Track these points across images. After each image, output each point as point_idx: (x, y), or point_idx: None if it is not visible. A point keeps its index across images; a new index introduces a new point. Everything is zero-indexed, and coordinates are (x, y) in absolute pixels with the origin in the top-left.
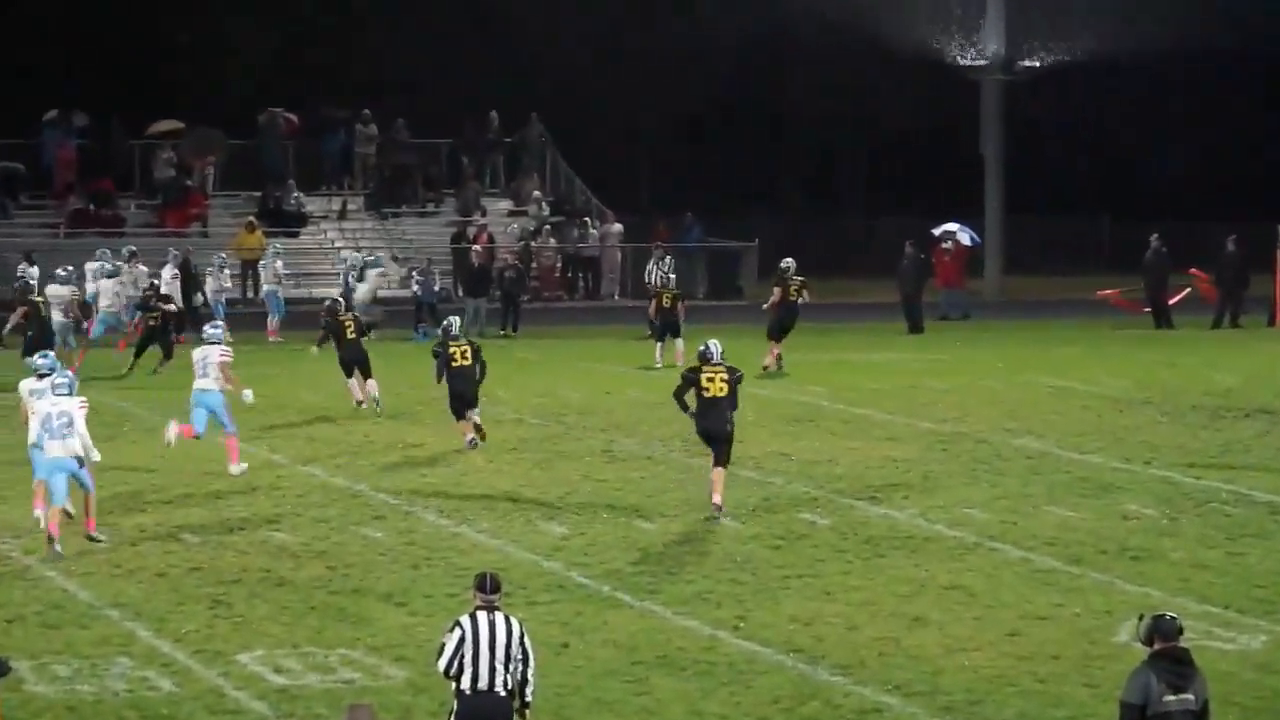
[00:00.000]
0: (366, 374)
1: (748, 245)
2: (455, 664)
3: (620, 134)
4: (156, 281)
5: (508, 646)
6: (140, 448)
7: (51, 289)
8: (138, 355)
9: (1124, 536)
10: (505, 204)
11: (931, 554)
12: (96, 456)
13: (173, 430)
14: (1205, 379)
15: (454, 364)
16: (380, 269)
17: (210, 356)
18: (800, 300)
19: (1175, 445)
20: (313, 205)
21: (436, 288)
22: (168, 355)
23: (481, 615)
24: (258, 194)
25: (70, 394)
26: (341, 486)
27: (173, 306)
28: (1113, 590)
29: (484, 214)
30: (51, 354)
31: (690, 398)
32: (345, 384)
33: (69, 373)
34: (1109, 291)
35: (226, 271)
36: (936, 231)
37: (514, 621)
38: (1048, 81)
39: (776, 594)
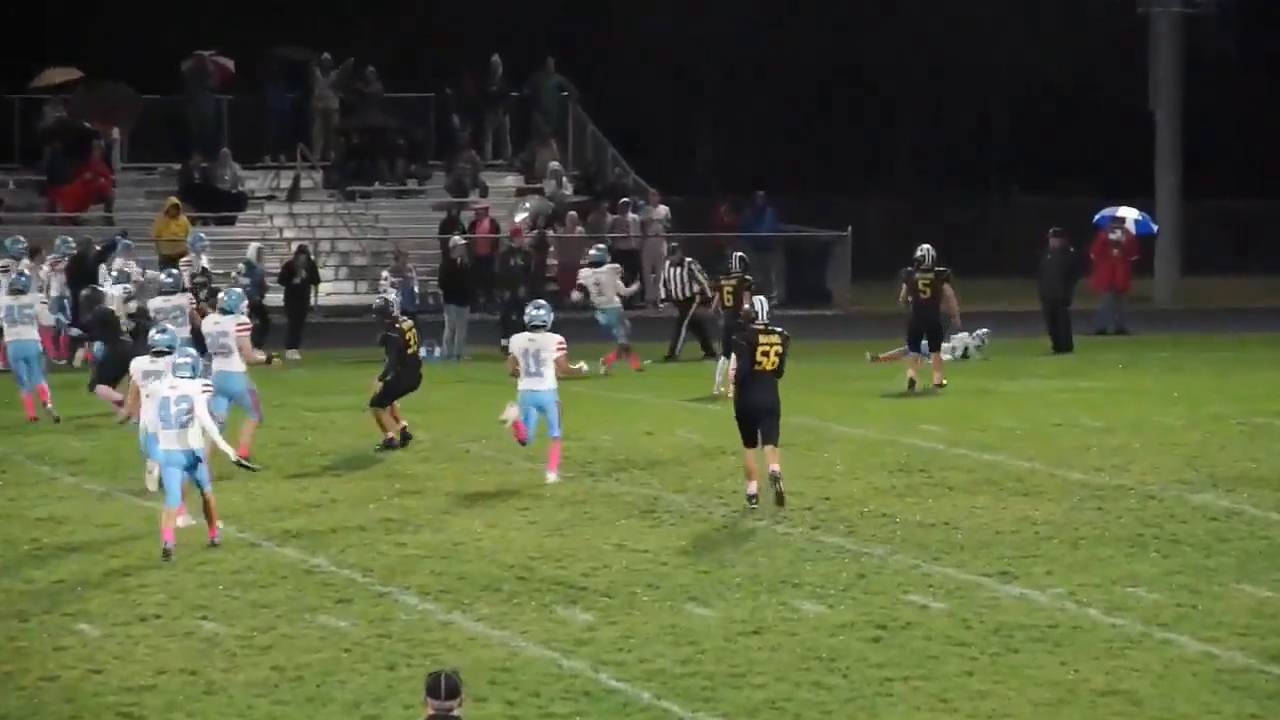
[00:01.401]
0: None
1: (838, 235)
2: None
3: (668, 87)
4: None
5: None
6: (19, 503)
7: None
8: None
9: None
10: (513, 180)
11: (1083, 648)
12: (225, 448)
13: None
14: None
15: (408, 350)
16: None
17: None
18: (925, 297)
19: None
20: (254, 182)
21: (416, 289)
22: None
23: None
24: (179, 166)
25: (193, 376)
26: (292, 559)
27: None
28: None
29: (484, 193)
30: (171, 329)
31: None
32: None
33: (193, 351)
34: None
35: (136, 269)
36: (1103, 217)
37: None
38: (1244, 14)
39: (875, 703)
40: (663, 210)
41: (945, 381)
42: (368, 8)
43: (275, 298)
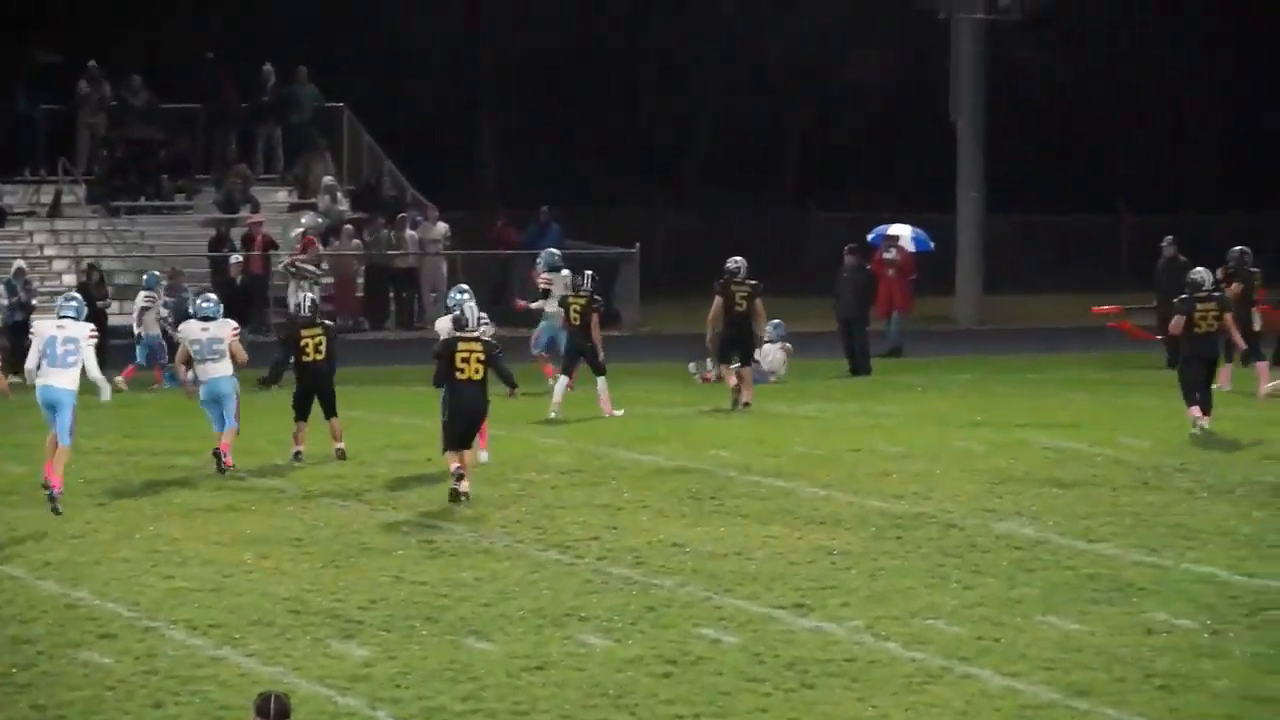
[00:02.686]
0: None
1: (626, 253)
2: None
3: (447, 95)
4: None
5: None
6: None
7: None
8: None
9: (1149, 658)
10: (286, 195)
11: (881, 683)
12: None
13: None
14: (1262, 440)
15: (305, 358)
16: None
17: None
18: (740, 310)
19: (1220, 531)
20: (12, 198)
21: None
22: None
23: None
24: None
25: (78, 318)
26: (53, 593)
27: None
28: None
29: (255, 209)
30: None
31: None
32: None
33: (78, 296)
34: (1107, 308)
35: None
36: (877, 235)
37: None
38: (1047, 23)
39: None
40: (442, 227)
41: (750, 401)
42: (128, 9)
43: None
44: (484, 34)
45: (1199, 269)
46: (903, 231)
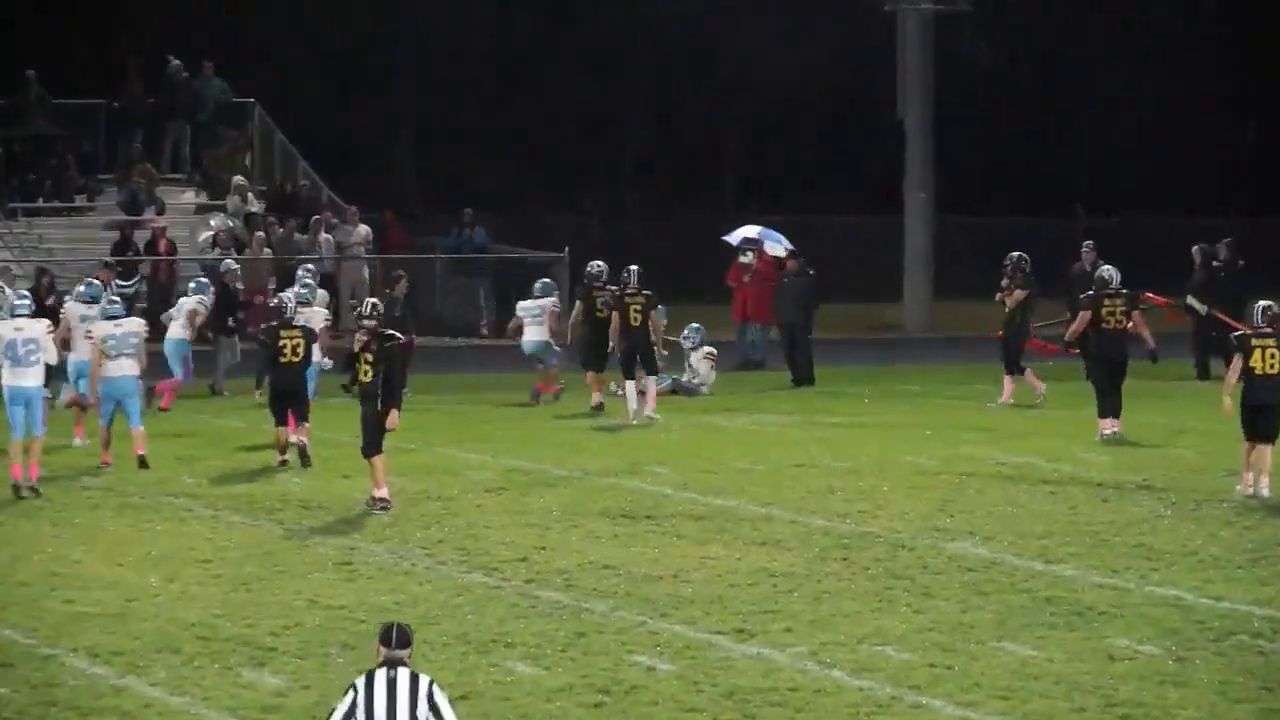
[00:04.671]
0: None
1: (555, 257)
2: None
3: (367, 88)
4: None
5: (412, 710)
6: None
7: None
8: None
9: (1111, 686)
10: (193, 196)
11: (826, 714)
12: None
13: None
14: (1227, 453)
15: (282, 359)
16: None
17: None
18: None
19: (1185, 551)
20: None
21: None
22: None
23: (380, 674)
24: None
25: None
26: None
27: None
28: None
29: (161, 210)
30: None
31: None
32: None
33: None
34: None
35: None
36: (733, 239)
37: (422, 680)
38: (998, 15)
39: None
40: (363, 230)
41: (657, 415)
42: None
43: None
44: (405, 26)
45: (1106, 267)
46: (760, 234)
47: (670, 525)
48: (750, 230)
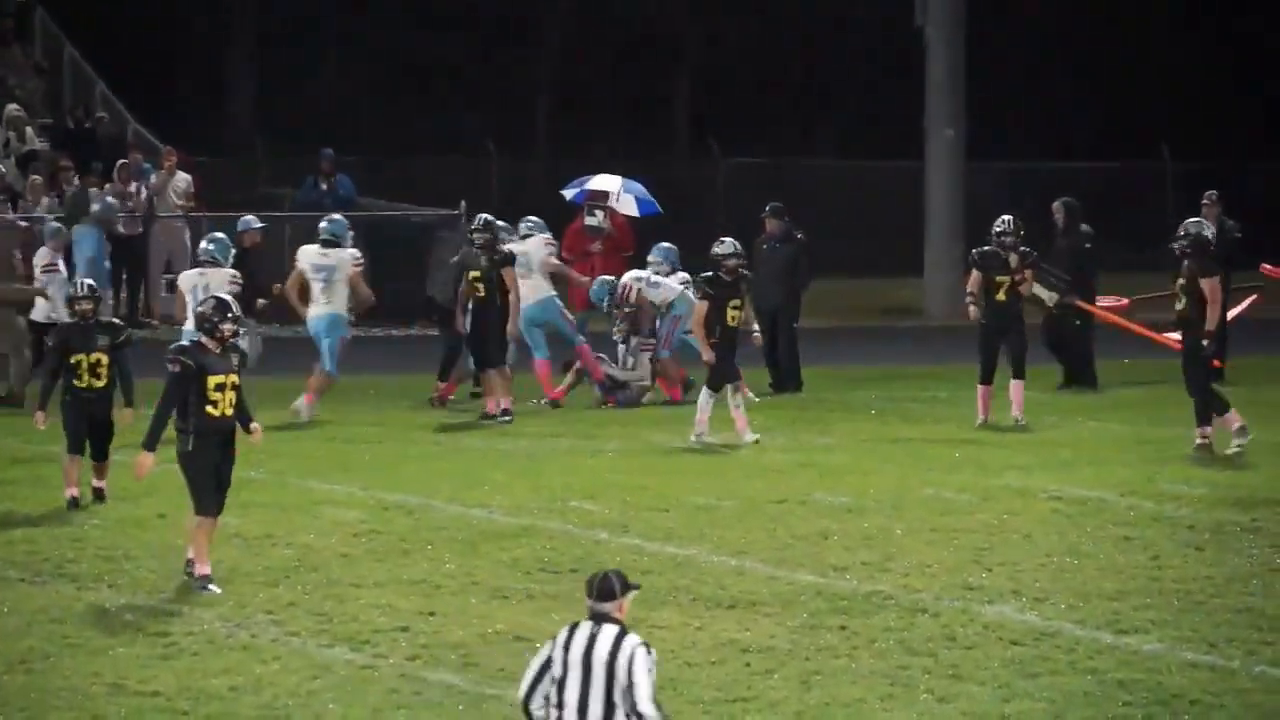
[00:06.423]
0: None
1: (449, 215)
2: (533, 693)
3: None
4: None
5: (609, 672)
6: None
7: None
8: None
9: None
10: None
11: None
12: None
13: None
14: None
15: (78, 384)
16: None
17: None
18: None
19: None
20: None
21: None
22: None
23: (583, 629)
24: None
25: None
26: None
27: None
28: None
29: None
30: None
31: None
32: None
33: None
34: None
35: None
36: (578, 192)
37: (626, 642)
38: None
39: None
40: (182, 179)
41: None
42: None
43: None
44: None
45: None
46: (612, 186)
47: None
48: (606, 181)
